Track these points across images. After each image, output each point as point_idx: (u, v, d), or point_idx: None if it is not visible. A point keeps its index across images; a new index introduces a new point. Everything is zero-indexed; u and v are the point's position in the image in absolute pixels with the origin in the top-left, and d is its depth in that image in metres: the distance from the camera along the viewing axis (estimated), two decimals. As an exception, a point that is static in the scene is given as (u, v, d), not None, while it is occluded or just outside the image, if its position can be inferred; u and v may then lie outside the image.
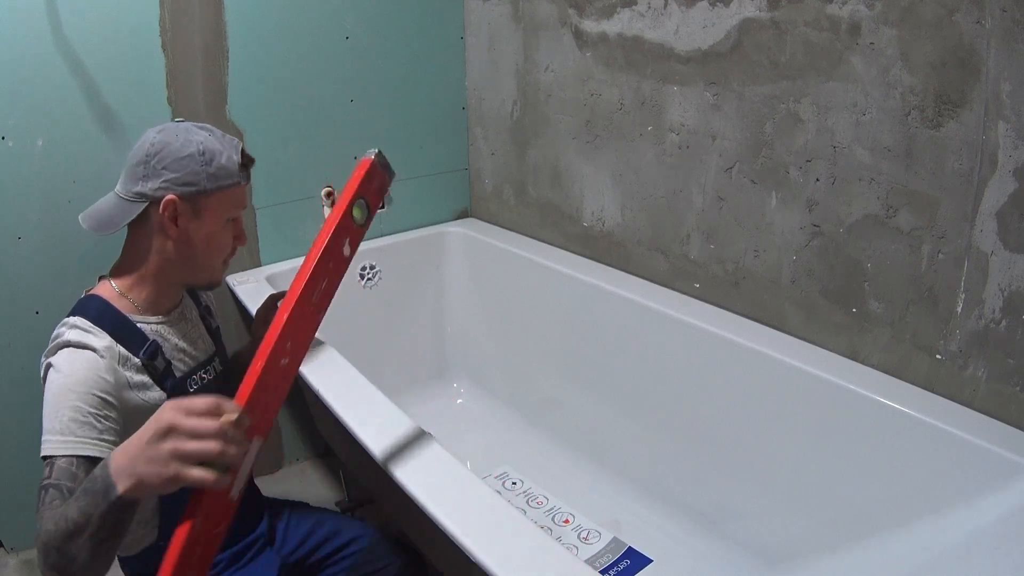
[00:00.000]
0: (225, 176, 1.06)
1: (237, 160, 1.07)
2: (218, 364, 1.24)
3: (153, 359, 1.08)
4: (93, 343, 1.01)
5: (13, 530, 1.77)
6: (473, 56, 2.13)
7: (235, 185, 1.08)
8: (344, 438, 1.39)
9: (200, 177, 1.04)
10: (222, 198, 1.07)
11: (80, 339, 1.00)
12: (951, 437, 1.17)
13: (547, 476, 1.82)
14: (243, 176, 1.09)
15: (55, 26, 1.49)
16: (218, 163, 1.05)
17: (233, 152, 1.07)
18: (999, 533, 1.08)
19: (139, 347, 1.07)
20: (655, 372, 1.66)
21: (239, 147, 1.09)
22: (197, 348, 1.19)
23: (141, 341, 1.08)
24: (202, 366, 1.19)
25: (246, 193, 1.13)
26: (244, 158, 1.09)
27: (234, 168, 1.07)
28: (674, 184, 1.66)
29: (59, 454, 0.95)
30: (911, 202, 1.25)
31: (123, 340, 1.05)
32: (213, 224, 1.08)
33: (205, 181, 1.04)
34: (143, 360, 1.07)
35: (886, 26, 1.22)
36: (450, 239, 2.17)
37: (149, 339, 1.09)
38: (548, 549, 0.92)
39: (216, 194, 1.06)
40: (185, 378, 1.14)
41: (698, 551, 1.54)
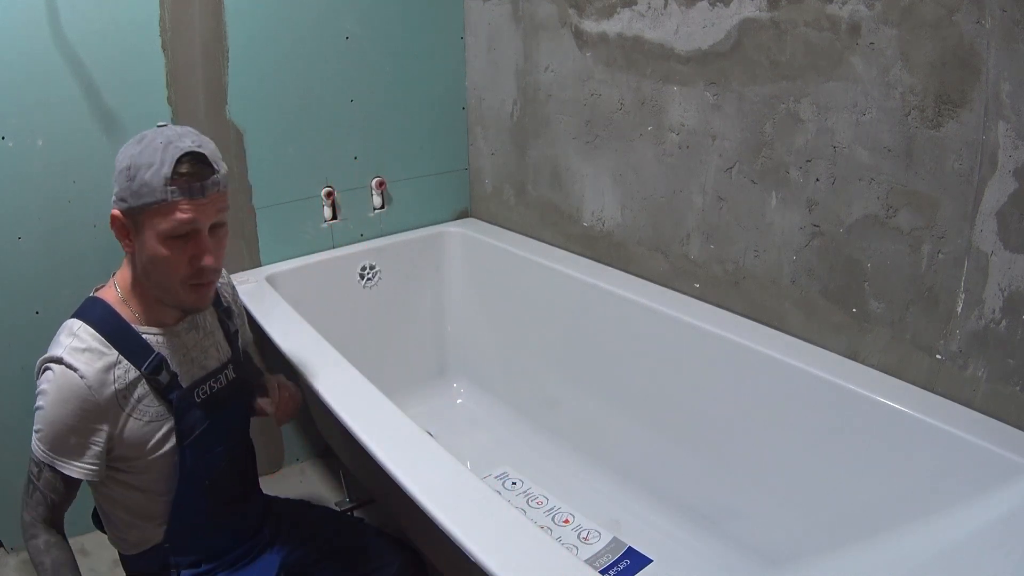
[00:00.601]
0: (148, 193, 0.95)
1: (166, 174, 0.95)
2: (231, 371, 1.20)
3: (156, 373, 1.06)
4: (82, 367, 1.00)
5: (13, 530, 1.77)
6: (473, 56, 2.13)
7: (161, 203, 0.96)
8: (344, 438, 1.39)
9: (127, 193, 0.97)
10: (152, 216, 0.97)
11: (72, 360, 1.00)
12: (951, 437, 1.17)
13: (547, 476, 1.82)
14: (172, 193, 0.95)
15: (55, 26, 1.49)
16: (141, 179, 0.95)
17: (166, 165, 0.95)
18: (999, 533, 1.08)
19: (142, 360, 1.05)
20: (655, 372, 1.66)
21: (176, 156, 0.95)
22: (208, 357, 1.16)
23: (145, 354, 1.06)
24: (212, 375, 1.16)
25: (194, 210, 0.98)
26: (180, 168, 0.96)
27: (159, 184, 0.95)
28: (674, 184, 1.66)
29: (47, 464, 1.03)
30: (911, 202, 1.25)
31: (127, 352, 1.04)
32: (150, 244, 0.99)
33: (130, 198, 0.97)
34: (146, 374, 1.05)
35: (886, 26, 1.22)
36: (450, 239, 2.17)
37: (153, 352, 1.07)
38: (548, 549, 0.92)
39: (146, 211, 0.97)
40: (192, 388, 1.12)
41: (698, 551, 1.55)
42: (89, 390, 1.00)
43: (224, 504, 1.18)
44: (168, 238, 0.98)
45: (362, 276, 2.05)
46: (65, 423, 1.00)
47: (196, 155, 0.98)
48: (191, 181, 0.97)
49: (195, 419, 1.11)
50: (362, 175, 2.03)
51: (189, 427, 1.10)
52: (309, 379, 1.34)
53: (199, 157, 0.98)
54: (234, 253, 1.86)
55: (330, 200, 1.98)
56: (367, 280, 2.06)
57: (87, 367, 1.00)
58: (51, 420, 1.00)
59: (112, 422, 1.03)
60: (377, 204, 2.08)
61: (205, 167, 0.99)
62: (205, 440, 1.13)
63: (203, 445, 1.12)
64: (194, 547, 1.16)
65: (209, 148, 1.01)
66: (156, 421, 1.07)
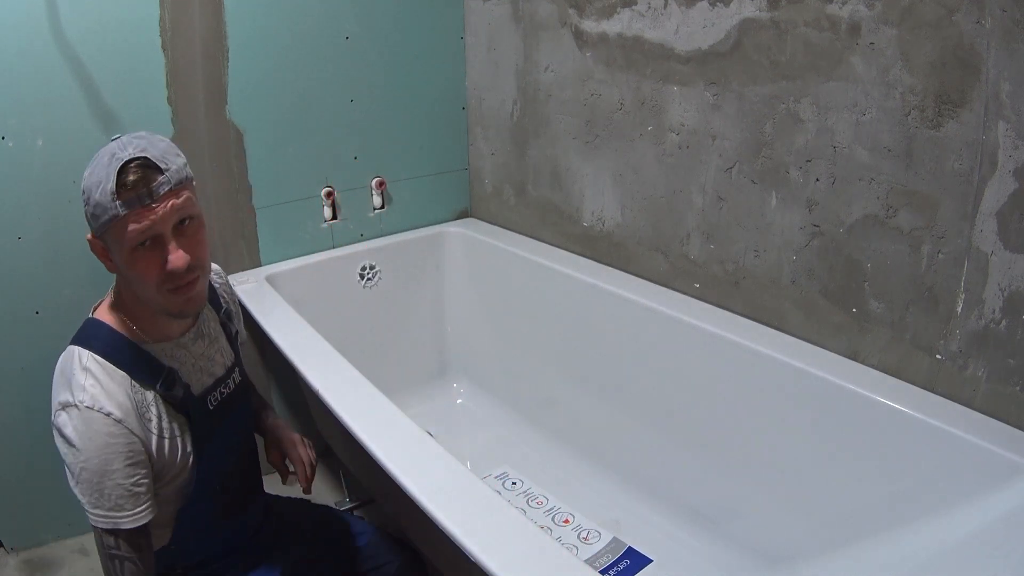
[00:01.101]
0: (102, 212, 0.94)
1: (111, 189, 0.92)
2: (237, 375, 1.20)
3: (170, 388, 1.04)
4: (106, 404, 0.96)
5: (13, 530, 1.77)
6: (473, 56, 2.13)
7: (114, 219, 0.94)
8: (344, 438, 1.39)
9: (88, 216, 0.97)
10: (114, 233, 0.96)
11: (94, 400, 0.96)
12: (951, 437, 1.17)
13: (547, 476, 1.82)
14: (127, 203, 0.93)
15: (55, 26, 1.49)
16: (94, 201, 0.94)
17: (110, 180, 0.92)
18: (999, 533, 1.08)
19: (155, 378, 1.03)
20: (655, 372, 1.66)
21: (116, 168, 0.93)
22: (216, 363, 1.15)
23: (157, 371, 1.04)
24: (221, 381, 1.15)
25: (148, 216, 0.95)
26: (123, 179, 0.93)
27: (107, 201, 0.93)
28: (674, 184, 1.66)
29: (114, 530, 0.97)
30: (911, 202, 1.25)
31: (137, 373, 1.01)
32: (121, 258, 0.98)
33: (91, 220, 0.97)
34: (161, 392, 1.03)
35: (886, 26, 1.22)
36: (450, 239, 2.17)
37: (164, 367, 1.05)
38: (548, 549, 0.92)
39: (107, 230, 0.96)
40: (205, 396, 1.11)
41: (698, 551, 1.55)
42: (121, 425, 0.97)
43: (230, 505, 1.18)
44: (134, 250, 0.96)
45: (362, 276, 2.05)
46: (112, 470, 0.96)
47: (138, 161, 0.94)
48: (136, 189, 0.94)
49: (209, 428, 1.10)
50: (362, 175, 2.03)
51: (204, 435, 1.09)
52: (309, 379, 1.34)
53: (142, 162, 0.94)
54: (234, 253, 1.86)
55: (330, 200, 1.98)
56: (367, 280, 2.06)
57: (110, 401, 0.96)
58: (97, 475, 0.95)
59: (147, 447, 1.00)
60: (377, 204, 2.08)
61: (150, 171, 0.95)
62: (218, 447, 1.12)
63: (217, 453, 1.12)
64: (200, 548, 1.16)
65: (157, 149, 0.97)
66: (177, 436, 1.06)
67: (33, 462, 1.68)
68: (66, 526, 1.78)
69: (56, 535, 1.79)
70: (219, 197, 1.80)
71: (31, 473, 1.69)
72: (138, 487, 0.98)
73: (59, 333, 1.08)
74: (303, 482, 1.23)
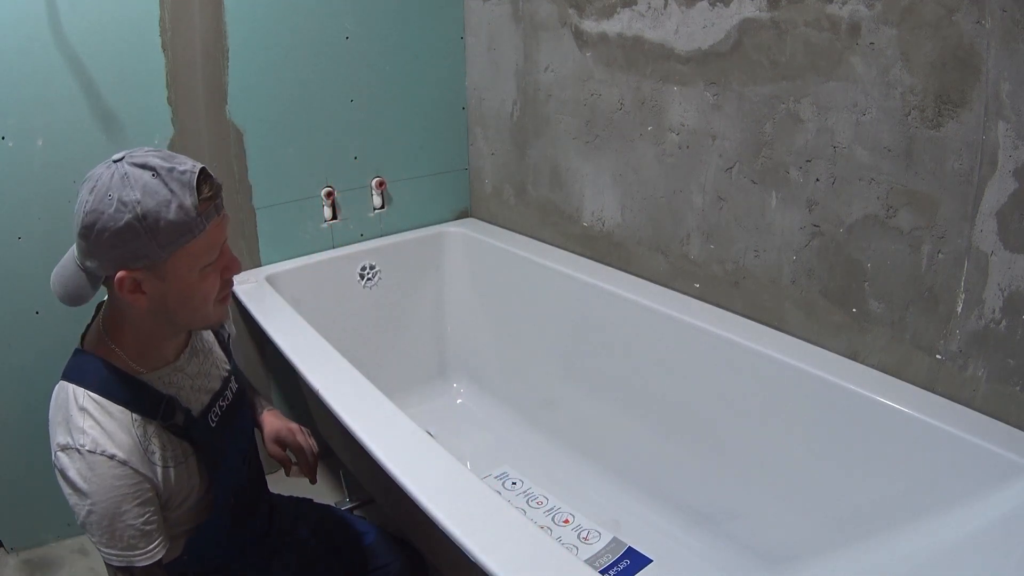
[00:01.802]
0: (179, 234, 0.87)
1: (192, 203, 0.87)
2: (233, 384, 1.17)
3: (171, 417, 1.00)
4: (107, 446, 0.92)
5: (13, 530, 1.77)
6: (473, 56, 2.13)
7: (196, 236, 0.89)
8: (344, 438, 1.39)
9: (150, 247, 0.87)
10: (184, 255, 0.89)
11: (95, 444, 0.91)
12: (951, 437, 1.17)
13: (547, 476, 1.82)
14: (207, 216, 0.89)
15: (55, 26, 1.49)
16: (165, 221, 0.86)
17: (185, 196, 0.87)
18: (999, 533, 1.08)
19: (154, 409, 0.99)
20: (655, 372, 1.66)
21: (193, 181, 0.88)
22: (212, 378, 1.11)
23: (156, 402, 0.99)
24: (219, 394, 1.12)
25: (223, 224, 0.93)
26: (203, 191, 0.89)
27: (190, 217, 0.87)
28: (674, 184, 1.66)
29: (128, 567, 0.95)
30: (911, 202, 1.25)
31: (137, 407, 0.96)
32: (185, 279, 0.92)
33: (157, 251, 0.87)
34: (162, 423, 0.99)
35: (886, 26, 1.22)
36: (450, 239, 2.17)
37: (162, 396, 1.00)
38: (548, 549, 0.92)
39: (177, 252, 0.88)
40: (205, 415, 1.08)
41: (698, 551, 1.55)
42: (126, 466, 0.93)
43: (240, 512, 1.17)
44: (204, 267, 0.92)
45: (362, 276, 2.05)
46: (122, 512, 0.92)
47: (204, 174, 0.91)
48: (213, 200, 0.91)
49: (217, 447, 1.07)
50: (362, 175, 2.03)
51: (215, 458, 1.06)
52: (309, 379, 1.34)
53: (205, 173, 0.91)
54: (234, 253, 1.86)
55: (330, 200, 1.98)
56: (367, 280, 2.06)
57: (111, 442, 0.92)
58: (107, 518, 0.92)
59: (154, 483, 0.97)
60: (377, 204, 2.08)
61: (214, 181, 0.92)
62: (228, 462, 1.10)
63: (228, 467, 1.10)
64: (212, 555, 1.14)
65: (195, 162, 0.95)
66: (182, 463, 1.02)
67: (33, 462, 1.68)
68: (66, 526, 1.78)
69: (56, 535, 1.79)
70: (219, 197, 1.80)
71: (31, 473, 1.69)
72: (149, 525, 0.95)
73: (59, 333, 1.08)
74: (307, 472, 1.22)
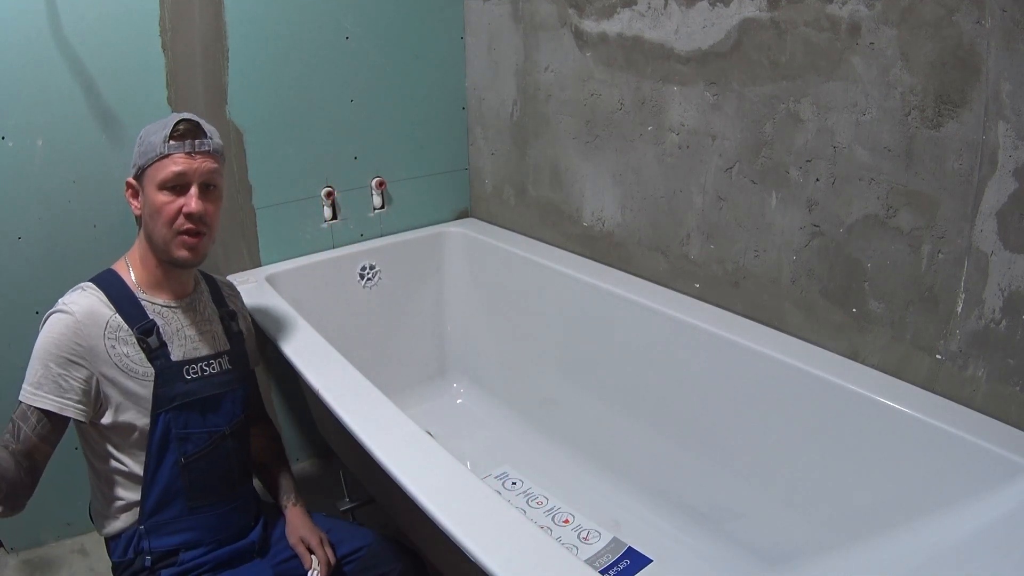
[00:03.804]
0: (150, 150, 1.15)
1: (165, 133, 1.14)
2: (226, 362, 1.26)
3: (146, 335, 1.15)
4: (73, 308, 1.11)
5: (13, 530, 1.77)
6: (473, 56, 2.13)
7: (161, 156, 1.14)
8: (344, 438, 1.39)
9: (136, 157, 1.18)
10: (152, 170, 1.15)
11: (65, 303, 1.12)
12: (951, 437, 1.17)
13: (547, 476, 1.82)
14: (170, 147, 1.14)
15: (55, 26, 1.49)
16: (147, 141, 1.16)
17: (166, 128, 1.14)
18: (999, 533, 1.08)
19: (136, 320, 1.16)
20: (655, 372, 1.66)
21: (172, 121, 1.15)
22: (204, 340, 1.24)
23: (139, 316, 1.16)
24: (206, 359, 1.23)
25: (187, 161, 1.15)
26: (177, 129, 1.14)
27: (159, 141, 1.14)
28: (674, 184, 1.66)
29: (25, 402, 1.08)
30: (911, 202, 1.25)
31: (122, 310, 1.15)
32: (150, 195, 1.15)
33: (138, 159, 1.17)
34: (136, 334, 1.14)
35: (886, 26, 1.22)
36: (450, 239, 2.17)
37: (148, 317, 1.17)
38: (548, 549, 0.92)
39: (148, 168, 1.15)
40: (182, 364, 1.19)
41: (698, 551, 1.55)
42: (77, 324, 1.10)
43: (203, 495, 1.21)
44: (164, 187, 1.14)
45: (362, 276, 2.05)
46: (49, 353, 1.09)
47: (190, 121, 1.16)
48: (185, 138, 1.15)
49: (178, 391, 1.18)
50: (362, 175, 2.03)
51: (168, 396, 1.17)
52: (309, 379, 1.34)
53: (192, 122, 1.17)
54: (234, 253, 1.86)
55: (330, 200, 1.98)
56: (367, 280, 2.06)
57: (79, 308, 1.12)
58: (37, 355, 1.10)
59: (94, 362, 1.11)
60: (377, 204, 2.08)
61: (198, 129, 1.17)
62: (183, 416, 1.18)
63: (180, 420, 1.18)
64: (168, 534, 1.18)
65: (206, 123, 1.19)
66: (138, 379, 1.15)
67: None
68: (66, 526, 1.78)
69: (56, 535, 1.79)
70: (219, 197, 1.80)
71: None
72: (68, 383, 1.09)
73: (59, 333, 1.08)
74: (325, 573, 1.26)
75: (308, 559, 1.24)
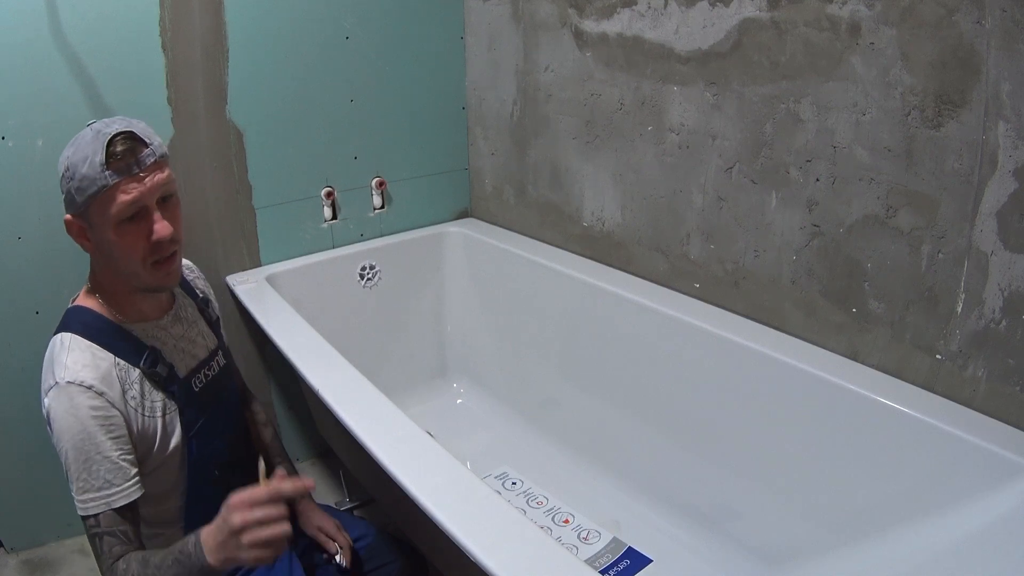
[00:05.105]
0: (89, 185, 0.96)
1: (100, 161, 0.95)
2: (220, 358, 1.23)
3: (154, 366, 1.06)
4: (88, 378, 0.98)
5: (13, 530, 1.77)
6: (473, 56, 2.13)
7: (104, 188, 0.96)
8: (344, 438, 1.39)
9: (72, 195, 0.98)
10: (99, 206, 0.97)
11: (74, 376, 0.97)
12: (951, 437, 1.17)
13: (547, 476, 1.82)
14: (110, 176, 0.96)
15: (55, 26, 1.49)
16: (80, 174, 0.96)
17: (98, 153, 0.95)
18: (999, 533, 1.08)
19: (138, 357, 1.05)
20: (655, 372, 1.66)
21: (106, 140, 0.96)
22: (197, 346, 1.18)
23: (139, 350, 1.06)
24: (204, 363, 1.18)
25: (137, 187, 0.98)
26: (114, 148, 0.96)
27: (96, 172, 0.95)
28: (674, 184, 1.66)
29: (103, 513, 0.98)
30: (911, 202, 1.25)
31: (121, 352, 1.03)
32: (105, 234, 0.99)
33: (76, 195, 0.98)
34: (144, 370, 1.05)
35: (886, 26, 1.22)
36: (450, 239, 2.17)
37: (146, 346, 1.07)
38: (548, 549, 0.92)
39: (92, 204, 0.97)
40: (189, 378, 1.13)
41: (698, 551, 1.55)
42: (102, 398, 0.98)
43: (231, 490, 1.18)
44: (119, 223, 0.99)
45: (362, 276, 2.05)
46: (97, 443, 0.96)
47: (124, 135, 0.98)
48: (125, 159, 0.97)
49: (196, 409, 1.12)
50: (362, 175, 2.03)
51: (193, 418, 1.11)
52: (309, 379, 1.34)
53: (128, 135, 0.98)
54: (234, 253, 1.86)
55: (330, 200, 1.98)
56: (367, 280, 2.06)
57: (91, 374, 0.98)
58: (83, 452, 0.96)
59: (129, 424, 1.01)
60: (377, 204, 2.08)
61: (136, 143, 0.98)
62: (208, 429, 1.14)
63: (207, 434, 1.13)
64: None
65: (139, 127, 1.01)
66: (160, 416, 1.07)
67: (33, 462, 1.68)
68: (66, 526, 1.78)
69: (56, 535, 1.79)
70: (219, 197, 1.80)
71: (31, 473, 1.69)
72: (125, 459, 0.99)
73: (59, 333, 1.08)
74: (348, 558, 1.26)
75: (331, 545, 1.25)
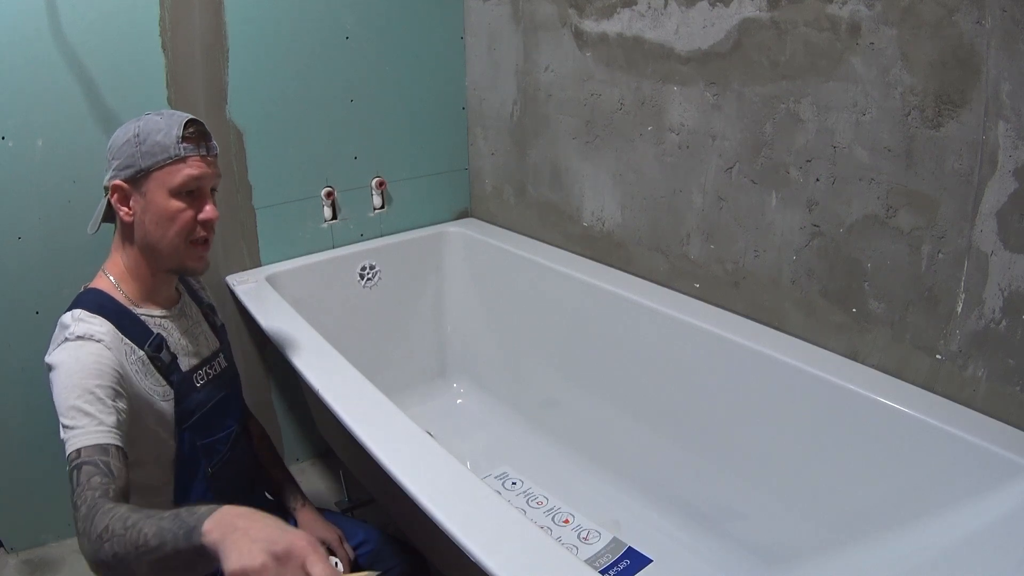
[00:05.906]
0: (159, 151, 1.04)
1: (177, 134, 1.04)
2: (223, 360, 1.25)
3: (158, 351, 1.08)
4: (97, 333, 1.00)
5: (13, 530, 1.77)
6: (473, 56, 2.12)
7: (173, 159, 1.04)
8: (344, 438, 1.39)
9: (135, 158, 1.04)
10: (161, 174, 1.04)
11: (84, 331, 0.99)
12: (951, 437, 1.17)
13: (547, 476, 1.82)
14: (184, 149, 1.05)
15: (55, 26, 1.49)
16: (152, 141, 1.04)
17: (174, 127, 1.04)
18: (999, 533, 1.08)
19: (144, 339, 1.07)
20: (655, 372, 1.66)
21: (183, 120, 1.06)
22: (200, 344, 1.20)
23: (145, 334, 1.08)
24: (207, 362, 1.20)
25: (203, 166, 1.07)
26: (188, 130, 1.05)
27: (170, 143, 1.04)
28: (674, 184, 1.66)
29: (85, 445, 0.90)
30: (911, 202, 1.25)
31: (127, 332, 1.05)
32: (158, 201, 1.05)
33: (140, 160, 1.04)
34: (148, 353, 1.07)
35: (886, 26, 1.22)
36: (450, 239, 2.17)
37: (153, 332, 1.09)
38: (548, 549, 0.92)
39: (155, 172, 1.04)
40: (191, 373, 1.15)
41: (698, 551, 1.55)
42: (110, 352, 0.99)
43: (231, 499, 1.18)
44: (178, 194, 1.05)
45: (362, 276, 2.05)
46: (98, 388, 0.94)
47: (198, 122, 1.08)
48: (199, 139, 1.06)
49: (195, 403, 1.13)
50: (362, 175, 2.03)
51: (189, 410, 1.12)
52: (309, 379, 1.34)
53: (200, 124, 1.08)
54: (234, 253, 1.86)
55: (330, 200, 1.98)
56: (367, 280, 2.06)
57: (103, 334, 1.00)
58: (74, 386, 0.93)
59: (130, 391, 1.01)
60: (377, 204, 2.08)
61: (206, 132, 1.09)
62: (204, 425, 1.15)
63: (202, 430, 1.14)
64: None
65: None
66: (157, 399, 1.08)
67: (33, 462, 1.68)
68: (66, 526, 1.78)
69: (56, 535, 1.79)
70: (219, 197, 1.78)
71: (31, 473, 1.69)
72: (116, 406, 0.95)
73: (59, 333, 1.08)
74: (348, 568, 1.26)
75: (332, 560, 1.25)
